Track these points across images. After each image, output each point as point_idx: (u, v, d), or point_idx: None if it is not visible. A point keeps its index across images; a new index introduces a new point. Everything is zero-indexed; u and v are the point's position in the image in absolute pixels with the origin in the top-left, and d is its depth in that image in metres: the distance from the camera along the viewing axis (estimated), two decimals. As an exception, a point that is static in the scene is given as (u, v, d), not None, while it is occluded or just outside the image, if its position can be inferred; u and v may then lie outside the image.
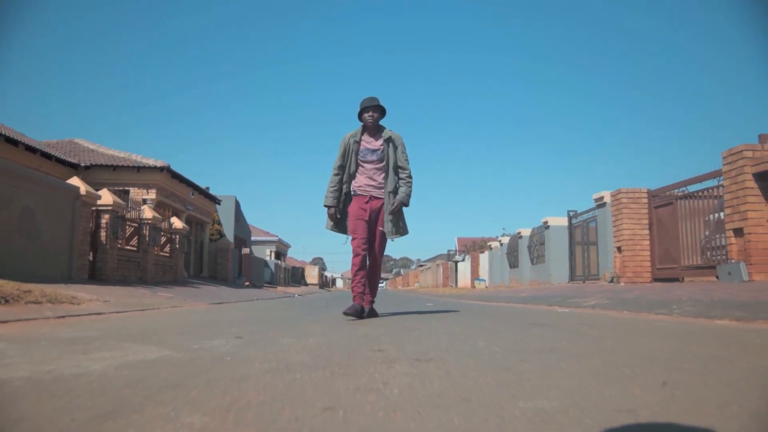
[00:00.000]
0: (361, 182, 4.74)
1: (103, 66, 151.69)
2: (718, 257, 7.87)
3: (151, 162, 16.60)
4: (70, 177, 16.13)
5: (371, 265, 4.80)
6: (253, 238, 38.19)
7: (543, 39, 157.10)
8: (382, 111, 4.76)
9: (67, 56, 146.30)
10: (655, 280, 9.81)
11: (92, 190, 10.70)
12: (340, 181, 4.75)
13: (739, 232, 7.12)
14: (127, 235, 13.21)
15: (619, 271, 10.34)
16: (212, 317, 5.26)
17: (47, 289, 6.41)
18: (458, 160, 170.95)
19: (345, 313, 4.61)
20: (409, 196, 4.75)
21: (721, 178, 7.74)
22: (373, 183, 4.73)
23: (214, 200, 23.28)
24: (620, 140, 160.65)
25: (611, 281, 10.92)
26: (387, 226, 4.65)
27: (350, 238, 4.70)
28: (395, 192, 4.71)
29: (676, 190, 9.46)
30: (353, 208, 4.73)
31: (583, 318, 4.29)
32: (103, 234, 11.42)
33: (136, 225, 13.55)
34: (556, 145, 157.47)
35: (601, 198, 11.82)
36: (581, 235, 14.24)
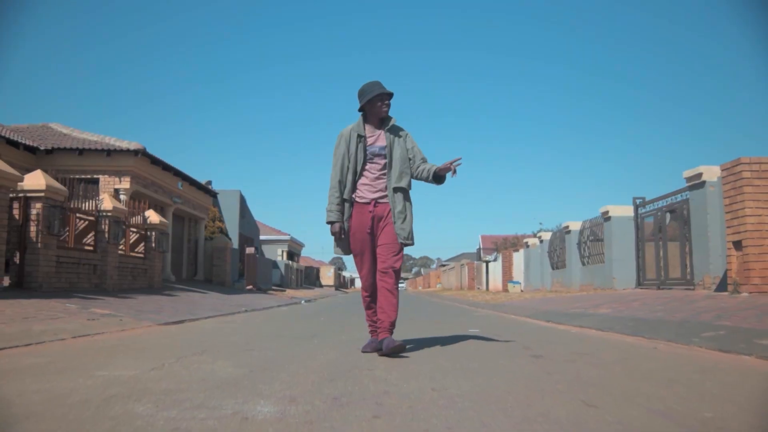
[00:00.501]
0: (362, 189, 3.74)
1: (105, 61, 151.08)
2: None
3: (123, 144, 13.86)
4: (27, 164, 13.55)
5: (382, 288, 3.67)
6: (262, 237, 35.53)
7: (563, 37, 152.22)
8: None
9: (70, 49, 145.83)
10: (796, 288, 6.77)
11: (10, 169, 7.95)
12: (347, 188, 3.75)
13: None
14: (78, 231, 10.50)
15: (738, 276, 7.27)
16: (34, 391, 2.43)
17: None
18: (480, 156, 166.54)
19: (364, 351, 3.75)
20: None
21: None
22: (377, 187, 3.74)
23: (210, 193, 20.52)
24: (649, 140, 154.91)
25: (721, 289, 7.83)
26: (397, 225, 3.65)
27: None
28: (403, 190, 3.70)
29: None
30: (355, 222, 3.73)
31: None
32: (33, 229, 8.68)
33: (92, 218, 10.82)
34: (580, 144, 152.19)
35: (698, 175, 8.70)
36: (655, 226, 11.14)
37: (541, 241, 18.35)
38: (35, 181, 8.69)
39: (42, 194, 8.71)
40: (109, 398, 2.25)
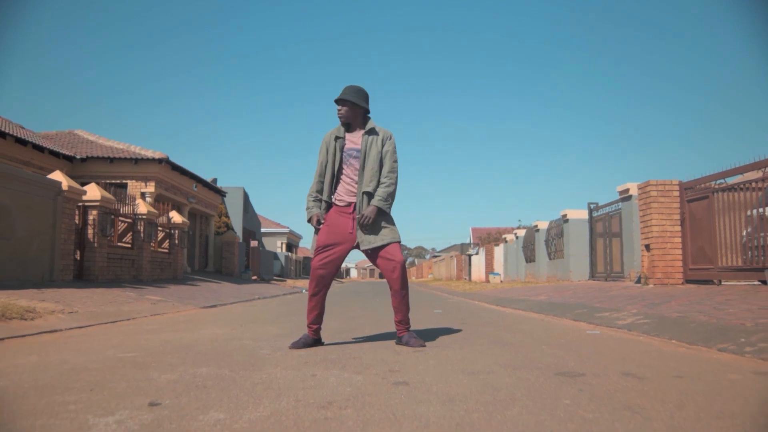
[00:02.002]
0: (341, 193, 3.84)
1: (110, 62, 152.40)
2: (763, 258, 7.04)
3: (149, 153, 15.90)
4: (66, 171, 15.55)
5: (394, 288, 3.91)
6: (263, 230, 37.61)
7: (561, 25, 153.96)
8: (363, 106, 3.81)
9: (74, 49, 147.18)
10: (688, 281, 8.88)
11: (76, 185, 9.99)
12: (324, 189, 3.86)
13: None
14: (120, 232, 12.55)
15: (647, 272, 9.40)
16: (177, 339, 4.50)
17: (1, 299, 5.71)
18: (475, 147, 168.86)
19: (291, 347, 3.75)
20: (386, 200, 3.75)
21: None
22: (355, 190, 3.81)
23: (220, 192, 22.61)
24: (645, 132, 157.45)
25: (638, 281, 9.99)
26: (360, 236, 3.74)
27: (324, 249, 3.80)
28: (371, 195, 3.75)
29: (713, 182, 8.50)
30: (333, 218, 3.82)
31: (623, 354, 3.42)
32: (90, 231, 10.74)
33: (130, 221, 12.87)
34: (578, 135, 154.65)
35: (627, 190, 10.85)
36: (603, 229, 13.28)
37: (517, 237, 20.50)
38: (92, 193, 10.73)
39: (97, 203, 10.76)
40: (224, 340, 4.33)
